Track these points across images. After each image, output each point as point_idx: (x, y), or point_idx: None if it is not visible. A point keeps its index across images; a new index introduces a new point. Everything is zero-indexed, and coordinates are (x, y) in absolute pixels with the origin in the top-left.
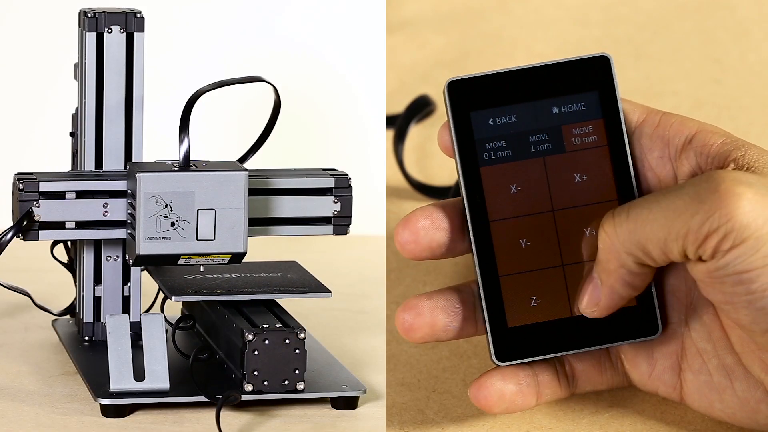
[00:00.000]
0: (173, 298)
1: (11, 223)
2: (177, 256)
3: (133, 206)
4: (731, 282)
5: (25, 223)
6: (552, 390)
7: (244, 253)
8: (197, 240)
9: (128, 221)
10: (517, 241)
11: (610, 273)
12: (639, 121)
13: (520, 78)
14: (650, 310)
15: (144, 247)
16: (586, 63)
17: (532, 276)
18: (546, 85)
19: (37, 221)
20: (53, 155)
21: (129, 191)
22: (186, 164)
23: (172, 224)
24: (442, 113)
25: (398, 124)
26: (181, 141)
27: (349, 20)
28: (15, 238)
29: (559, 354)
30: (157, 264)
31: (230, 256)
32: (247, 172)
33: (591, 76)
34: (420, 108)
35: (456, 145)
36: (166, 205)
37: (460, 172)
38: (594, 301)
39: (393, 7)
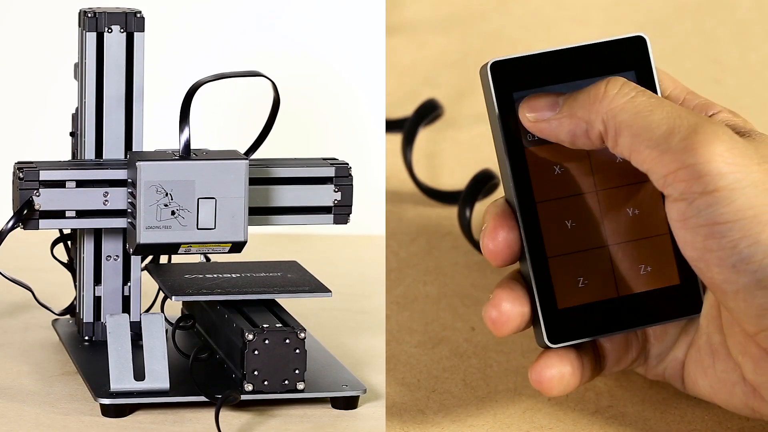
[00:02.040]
0: (173, 298)
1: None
2: (177, 245)
3: (133, 195)
4: (703, 234)
5: (25, 212)
6: (591, 371)
7: (245, 242)
8: (198, 229)
9: (128, 210)
10: (564, 222)
11: (571, 115)
12: (664, 94)
13: (561, 58)
14: (694, 287)
15: (144, 236)
16: (623, 43)
17: (579, 257)
18: (586, 65)
19: (38, 210)
20: (53, 156)
21: (129, 180)
22: (186, 153)
23: (173, 213)
24: (449, 117)
25: (406, 128)
26: (181, 130)
27: (350, 21)
28: (16, 228)
29: (608, 335)
30: (157, 253)
31: (231, 244)
32: (247, 161)
33: (629, 56)
34: (428, 112)
35: (501, 127)
36: (167, 194)
37: (506, 154)
38: (539, 113)
39: (393, 7)
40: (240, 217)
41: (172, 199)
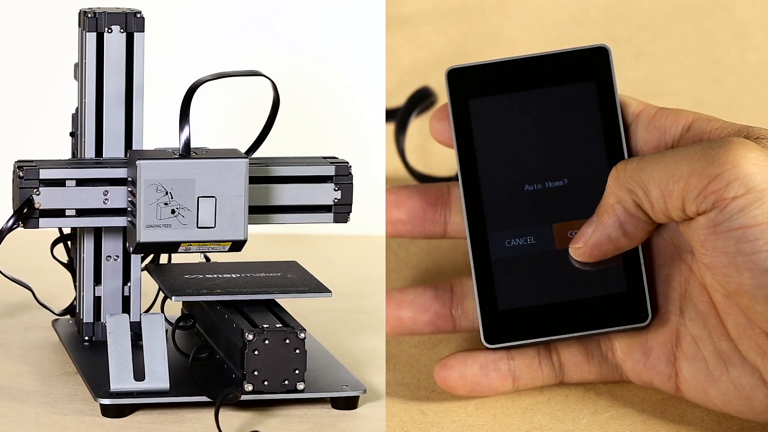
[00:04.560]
0: (173, 298)
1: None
2: (177, 244)
3: (133, 194)
4: (735, 238)
5: (25, 210)
6: (532, 376)
7: (245, 241)
8: (198, 227)
9: (129, 209)
10: (511, 225)
11: (607, 209)
12: (635, 113)
13: (520, 67)
14: (640, 297)
15: (144, 235)
16: (585, 54)
17: (522, 259)
18: (545, 74)
19: (38, 209)
20: (53, 156)
21: (129, 179)
22: (186, 152)
23: (173, 211)
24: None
25: (399, 116)
26: (181, 129)
27: (349, 20)
28: (16, 227)
29: (548, 339)
30: (157, 251)
31: (231, 243)
32: (247, 160)
33: (589, 67)
34: (421, 99)
35: (454, 132)
36: (167, 193)
37: (458, 160)
38: (584, 237)
39: (392, 6)
40: (240, 216)
41: (172, 198)
